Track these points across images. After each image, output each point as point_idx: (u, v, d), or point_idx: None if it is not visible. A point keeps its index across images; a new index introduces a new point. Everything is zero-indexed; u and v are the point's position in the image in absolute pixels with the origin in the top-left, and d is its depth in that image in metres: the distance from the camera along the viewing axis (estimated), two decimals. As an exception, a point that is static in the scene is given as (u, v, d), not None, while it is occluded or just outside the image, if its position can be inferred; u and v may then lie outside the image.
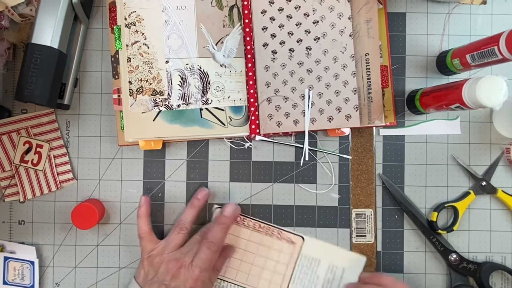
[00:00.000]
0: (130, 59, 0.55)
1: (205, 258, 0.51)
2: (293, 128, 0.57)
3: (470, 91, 0.47)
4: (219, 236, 0.52)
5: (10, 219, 0.59)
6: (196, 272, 0.51)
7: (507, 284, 0.59)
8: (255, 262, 0.58)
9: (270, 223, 0.59)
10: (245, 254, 0.58)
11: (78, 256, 0.59)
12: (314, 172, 0.60)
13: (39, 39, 0.52)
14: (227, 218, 0.53)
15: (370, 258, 0.59)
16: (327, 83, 0.57)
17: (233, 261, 0.58)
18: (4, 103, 0.58)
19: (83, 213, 0.55)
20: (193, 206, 0.56)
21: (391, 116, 0.59)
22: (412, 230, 0.60)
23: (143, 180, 0.59)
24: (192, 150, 0.59)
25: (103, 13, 0.59)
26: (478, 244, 0.60)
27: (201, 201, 0.56)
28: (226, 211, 0.54)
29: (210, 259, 0.51)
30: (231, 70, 0.56)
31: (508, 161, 0.59)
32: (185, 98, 0.55)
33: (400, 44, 0.60)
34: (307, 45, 0.57)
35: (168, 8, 0.55)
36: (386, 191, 0.60)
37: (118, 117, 0.58)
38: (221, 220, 0.53)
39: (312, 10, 0.57)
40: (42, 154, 0.58)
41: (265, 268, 0.58)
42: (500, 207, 0.60)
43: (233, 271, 0.58)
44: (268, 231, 0.58)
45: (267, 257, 0.58)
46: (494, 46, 0.47)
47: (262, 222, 0.58)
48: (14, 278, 0.58)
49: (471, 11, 0.60)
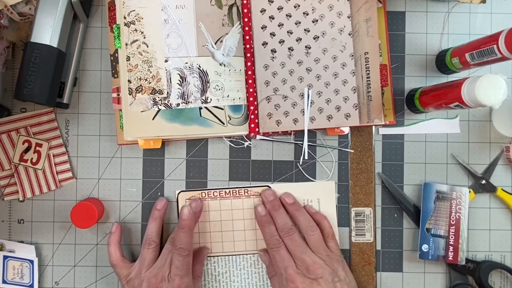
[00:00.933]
0: (129, 58, 0.55)
1: (180, 265, 0.51)
2: (293, 127, 0.57)
3: (469, 90, 0.47)
4: (185, 241, 0.52)
5: (9, 218, 0.59)
6: (177, 281, 0.51)
7: (506, 283, 0.59)
8: (234, 228, 0.58)
9: (231, 186, 0.59)
10: (222, 224, 0.58)
11: (78, 255, 0.59)
12: (313, 171, 0.60)
13: (38, 37, 0.52)
14: (186, 220, 0.53)
15: (369, 257, 0.59)
16: (327, 82, 0.57)
17: (214, 235, 0.58)
18: (4, 102, 0.58)
19: (82, 212, 0.55)
20: (154, 218, 0.56)
21: (390, 115, 0.59)
22: (411, 229, 0.60)
23: (142, 179, 0.59)
24: (192, 149, 0.59)
25: (102, 12, 0.59)
26: (477, 242, 0.60)
27: (161, 211, 0.56)
28: (183, 213, 0.53)
29: (185, 264, 0.51)
30: (231, 69, 0.56)
31: (507, 160, 0.59)
32: (185, 97, 0.55)
33: (400, 43, 0.60)
34: (307, 44, 0.57)
35: (168, 7, 0.55)
36: (386, 190, 0.60)
37: (118, 116, 0.58)
38: (181, 224, 0.52)
39: (312, 9, 0.57)
40: (41, 153, 0.58)
41: (246, 229, 0.59)
42: (500, 205, 0.60)
43: (218, 245, 0.58)
44: (234, 194, 0.59)
45: (244, 219, 0.58)
46: (494, 45, 0.47)
47: (226, 188, 0.59)
48: (13, 277, 0.58)
49: (471, 10, 0.60)
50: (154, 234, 0.55)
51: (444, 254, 0.58)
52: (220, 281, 0.58)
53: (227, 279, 0.58)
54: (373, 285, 0.59)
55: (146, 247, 0.54)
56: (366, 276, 0.59)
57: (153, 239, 0.55)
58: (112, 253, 0.55)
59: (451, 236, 0.58)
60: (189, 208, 0.53)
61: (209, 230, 0.58)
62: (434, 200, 0.58)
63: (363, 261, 0.59)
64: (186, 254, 0.51)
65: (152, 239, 0.54)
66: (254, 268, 0.59)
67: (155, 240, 0.55)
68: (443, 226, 0.58)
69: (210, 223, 0.58)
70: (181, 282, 0.51)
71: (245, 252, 0.59)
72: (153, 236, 0.55)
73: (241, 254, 0.59)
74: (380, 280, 0.60)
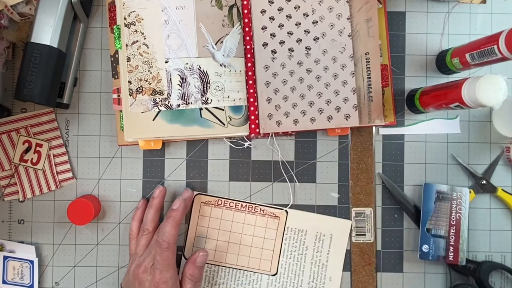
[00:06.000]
0: (129, 59, 0.55)
1: (160, 259, 0.50)
2: (293, 127, 0.57)
3: (469, 90, 0.47)
4: (168, 231, 0.51)
5: (9, 218, 0.59)
6: (157, 275, 0.50)
7: (507, 283, 0.59)
8: (242, 242, 0.58)
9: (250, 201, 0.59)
10: (231, 236, 0.58)
11: (78, 255, 0.59)
12: (314, 171, 0.60)
13: (38, 38, 0.52)
14: (175, 211, 0.53)
15: (369, 257, 0.59)
16: (327, 83, 0.57)
17: (220, 244, 0.58)
18: (4, 102, 0.58)
19: (78, 209, 0.55)
20: (151, 206, 0.56)
21: (390, 115, 0.59)
22: (411, 229, 0.60)
23: (142, 180, 0.59)
24: (192, 149, 0.59)
25: (103, 12, 0.59)
26: (477, 243, 0.60)
27: (157, 199, 0.56)
28: (174, 204, 0.53)
29: (164, 258, 0.50)
30: (231, 69, 0.56)
31: (508, 160, 0.59)
32: (185, 97, 0.55)
33: (400, 43, 0.60)
34: (307, 45, 0.57)
35: (168, 7, 0.55)
36: (386, 190, 0.60)
37: (118, 117, 0.58)
38: (169, 214, 0.53)
39: (312, 10, 0.57)
40: (41, 153, 0.58)
41: (253, 246, 0.58)
42: (500, 206, 0.60)
43: (222, 254, 0.58)
44: (250, 210, 0.59)
45: (253, 235, 0.58)
46: (494, 45, 0.47)
47: (243, 202, 0.59)
48: (13, 277, 0.58)
49: (471, 10, 0.60)
50: (148, 221, 0.55)
51: (444, 254, 0.58)
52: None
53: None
54: (373, 285, 0.59)
55: (141, 233, 0.55)
56: (367, 276, 0.59)
57: (147, 226, 0.55)
58: (132, 227, 0.57)
59: (451, 237, 0.58)
60: (181, 200, 0.54)
61: (216, 238, 0.58)
62: (434, 201, 0.58)
63: (364, 261, 0.59)
64: (166, 247, 0.50)
65: (146, 226, 0.55)
66: (251, 286, 0.58)
67: (149, 228, 0.55)
68: (443, 226, 0.58)
69: (219, 231, 0.58)
70: (161, 277, 0.50)
71: (246, 268, 0.58)
72: (147, 224, 0.55)
73: (242, 270, 0.58)
74: (380, 280, 0.60)
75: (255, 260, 0.58)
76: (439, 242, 0.58)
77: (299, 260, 0.59)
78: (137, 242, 0.55)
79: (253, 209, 0.59)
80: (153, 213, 0.55)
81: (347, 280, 0.59)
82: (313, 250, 0.59)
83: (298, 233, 0.59)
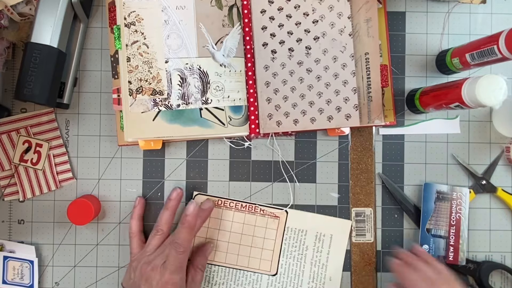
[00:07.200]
0: (129, 59, 0.55)
1: (173, 260, 0.51)
2: (293, 127, 0.57)
3: (469, 90, 0.47)
4: (184, 237, 0.52)
5: (9, 218, 0.59)
6: (166, 275, 0.50)
7: (507, 283, 0.59)
8: (242, 242, 0.58)
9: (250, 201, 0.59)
10: (231, 236, 0.58)
11: (78, 256, 0.59)
12: (314, 171, 0.60)
13: (38, 38, 0.52)
14: (189, 216, 0.53)
15: (370, 257, 0.59)
16: (327, 83, 0.57)
17: (220, 244, 0.58)
18: (4, 102, 0.58)
19: (78, 209, 0.55)
20: (167, 207, 0.56)
21: (390, 115, 0.59)
22: (411, 229, 0.60)
23: (142, 180, 0.59)
24: (192, 149, 0.59)
25: (103, 12, 0.59)
26: (477, 243, 0.60)
27: (174, 201, 0.56)
28: (187, 209, 0.53)
29: (178, 261, 0.51)
30: (231, 69, 0.56)
31: (508, 160, 0.59)
32: (185, 97, 0.55)
33: (400, 43, 0.60)
34: (307, 45, 0.57)
35: (168, 7, 0.55)
36: (386, 190, 0.60)
37: (118, 117, 0.58)
38: (183, 220, 0.53)
39: (312, 9, 0.57)
40: (41, 153, 0.58)
41: (254, 246, 0.58)
42: (500, 206, 0.60)
43: (222, 254, 0.58)
44: (250, 210, 0.59)
45: (253, 235, 0.58)
46: (494, 45, 0.47)
47: (243, 202, 0.59)
48: (13, 277, 0.58)
49: (471, 10, 0.60)
50: (163, 223, 0.55)
51: (444, 254, 0.58)
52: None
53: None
54: (373, 285, 0.59)
55: (154, 233, 0.55)
56: (367, 276, 0.59)
57: (161, 227, 0.55)
58: (131, 226, 0.57)
59: (451, 237, 0.58)
60: (195, 205, 0.54)
61: (216, 238, 0.59)
62: (434, 201, 0.58)
63: (364, 261, 0.59)
64: (182, 251, 0.51)
65: (160, 227, 0.55)
66: (251, 286, 0.58)
67: (163, 229, 0.55)
68: (443, 226, 0.58)
69: (219, 231, 0.58)
70: (170, 278, 0.50)
71: (246, 268, 0.59)
72: (162, 225, 0.55)
73: (242, 270, 0.59)
74: (380, 281, 0.60)
75: (255, 260, 0.58)
76: (439, 242, 0.58)
77: (299, 260, 0.59)
78: (149, 241, 0.54)
79: (253, 209, 0.59)
80: (169, 214, 0.55)
81: (347, 280, 0.59)
82: (313, 250, 0.59)
83: (298, 233, 0.59)
